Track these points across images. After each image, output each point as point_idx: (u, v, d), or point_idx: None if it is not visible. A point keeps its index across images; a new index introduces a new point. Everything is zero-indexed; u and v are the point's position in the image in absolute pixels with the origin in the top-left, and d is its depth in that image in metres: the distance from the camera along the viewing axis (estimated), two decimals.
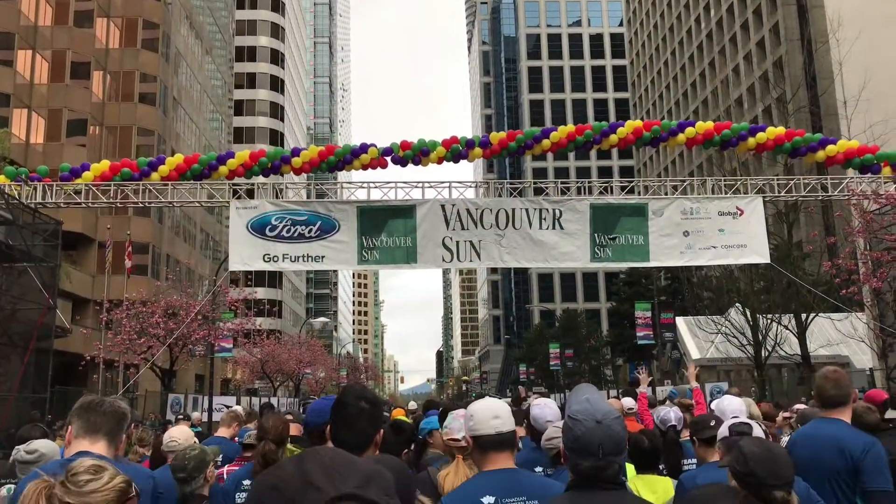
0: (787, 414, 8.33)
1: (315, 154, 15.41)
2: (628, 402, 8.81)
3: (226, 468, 5.27)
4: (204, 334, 26.59)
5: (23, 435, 4.40)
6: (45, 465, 3.23)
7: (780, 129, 17.00)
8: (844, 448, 3.82)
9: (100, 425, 3.00)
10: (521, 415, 5.15)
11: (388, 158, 15.59)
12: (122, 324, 26.36)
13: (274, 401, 37.87)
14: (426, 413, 7.47)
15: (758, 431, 3.64)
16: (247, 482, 4.52)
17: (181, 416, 11.52)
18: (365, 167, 15.43)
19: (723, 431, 3.62)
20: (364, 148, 15.47)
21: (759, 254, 16.13)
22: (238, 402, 29.21)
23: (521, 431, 4.62)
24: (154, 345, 24.21)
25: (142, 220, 44.26)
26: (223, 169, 14.79)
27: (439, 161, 15.83)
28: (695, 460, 4.94)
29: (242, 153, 15.34)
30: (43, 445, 4.16)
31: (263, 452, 5.34)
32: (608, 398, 15.36)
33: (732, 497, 2.07)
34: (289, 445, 4.01)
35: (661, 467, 4.88)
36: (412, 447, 5.36)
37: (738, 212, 15.89)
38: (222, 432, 7.13)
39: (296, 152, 15.48)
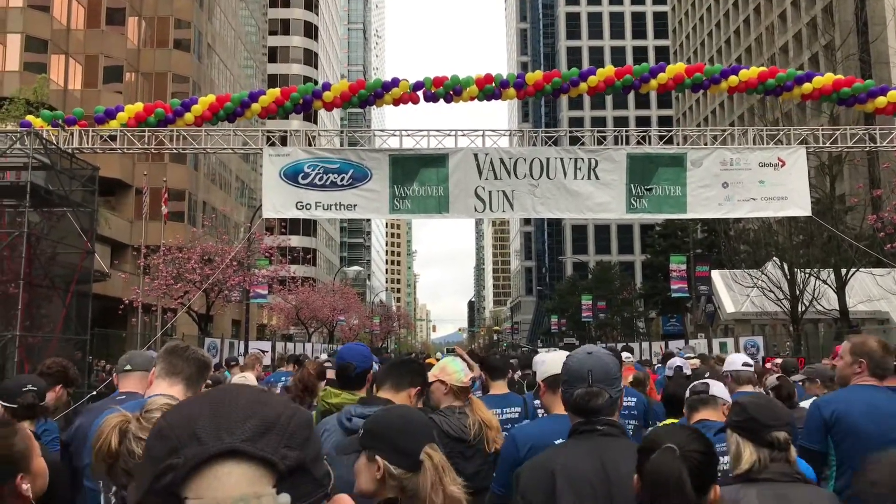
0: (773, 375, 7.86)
1: (346, 88, 15.18)
2: (626, 354, 9.65)
3: None
4: (239, 280, 26.97)
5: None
6: (128, 403, 3.33)
7: (828, 78, 16.36)
8: None
9: (180, 369, 3.12)
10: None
11: (420, 93, 15.27)
12: (159, 269, 26.83)
13: (308, 347, 38.52)
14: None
15: (717, 389, 4.02)
16: None
17: (233, 363, 11.84)
18: (396, 102, 15.13)
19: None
20: (395, 82, 15.15)
21: (800, 206, 15.70)
22: (273, 348, 29.75)
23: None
24: (190, 290, 24.64)
25: (178, 167, 44.69)
26: (255, 107, 14.66)
27: (472, 100, 15.50)
28: None
29: (273, 91, 15.20)
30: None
31: (302, 376, 5.78)
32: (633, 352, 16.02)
33: (689, 432, 2.18)
34: (329, 388, 4.17)
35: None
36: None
37: (780, 163, 15.43)
38: (247, 372, 8.14)
39: (326, 87, 15.27)
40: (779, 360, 9.51)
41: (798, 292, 29.10)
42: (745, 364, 5.48)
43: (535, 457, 2.69)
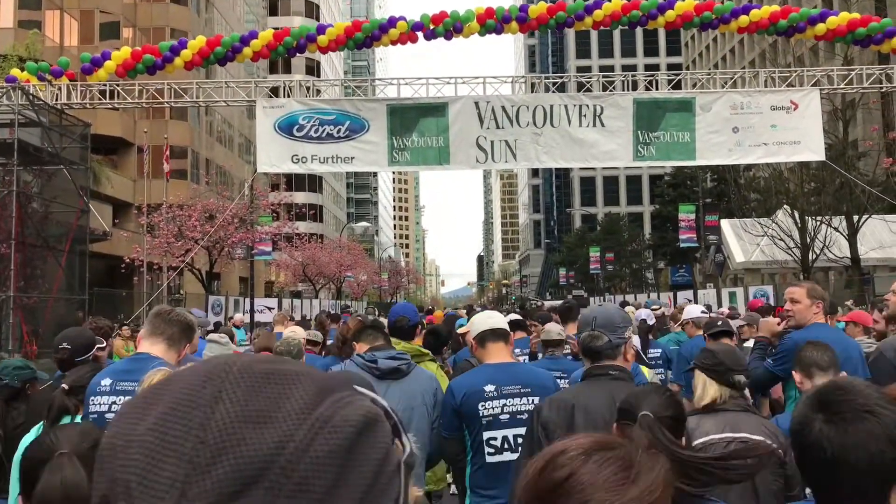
0: (741, 322, 7.95)
1: (342, 31, 14.59)
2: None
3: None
4: (241, 237, 26.70)
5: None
6: (114, 364, 3.70)
7: (843, 18, 15.67)
8: None
9: (161, 330, 3.39)
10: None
11: (419, 33, 14.66)
12: (160, 227, 26.57)
13: (315, 303, 38.48)
14: (468, 316, 9.54)
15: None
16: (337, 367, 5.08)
17: (268, 329, 11.90)
18: (394, 42, 14.52)
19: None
20: (392, 22, 14.55)
21: (814, 151, 15.20)
22: (279, 305, 29.65)
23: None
24: (192, 247, 24.41)
25: (180, 124, 44.10)
26: (247, 51, 14.06)
27: (473, 35, 14.87)
28: (658, 350, 7.18)
29: (266, 33, 14.60)
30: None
31: (342, 332, 6.59)
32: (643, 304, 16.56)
33: (661, 393, 2.50)
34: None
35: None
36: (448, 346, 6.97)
37: (793, 106, 14.87)
38: (279, 329, 8.85)
39: (321, 30, 14.66)
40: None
41: (809, 240, 28.68)
42: (702, 312, 7.18)
43: (555, 394, 3.21)
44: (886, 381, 3.82)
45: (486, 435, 3.52)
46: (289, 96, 14.87)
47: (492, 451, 3.51)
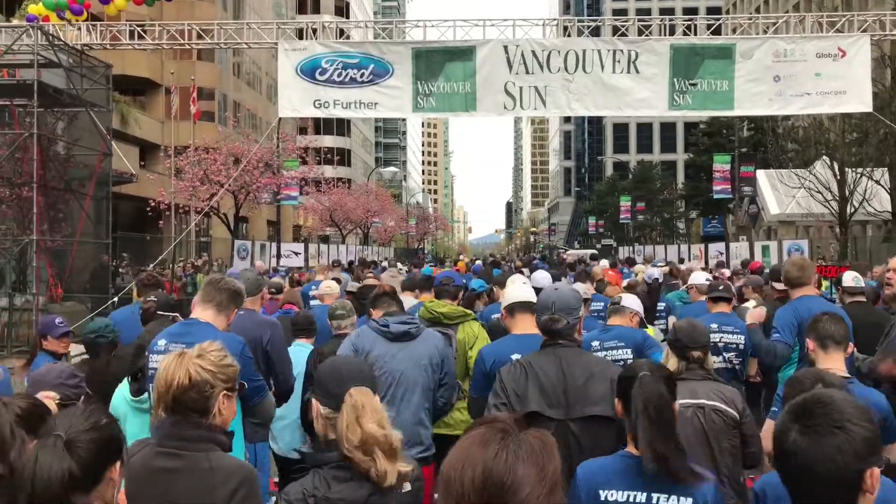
0: (740, 283, 8.92)
1: None
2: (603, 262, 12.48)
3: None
4: (267, 181, 26.53)
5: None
6: (170, 327, 3.95)
7: None
8: None
9: (212, 297, 3.77)
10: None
11: None
12: (185, 170, 26.47)
13: (343, 248, 38.47)
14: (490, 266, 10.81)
15: (628, 301, 5.24)
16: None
17: (310, 272, 12.13)
18: None
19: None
20: None
21: (860, 101, 14.45)
22: (306, 249, 29.63)
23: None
24: (217, 191, 24.31)
25: (207, 65, 43.66)
26: None
27: None
28: (663, 304, 8.34)
29: None
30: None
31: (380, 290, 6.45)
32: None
33: (656, 366, 2.83)
34: (435, 300, 5.41)
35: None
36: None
37: (840, 53, 14.08)
38: (321, 277, 9.50)
39: None
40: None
41: (848, 193, 27.82)
42: (707, 279, 7.81)
43: (514, 361, 3.53)
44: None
45: None
46: (314, 38, 14.44)
47: None
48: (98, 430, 1.95)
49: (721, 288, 6.22)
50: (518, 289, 4.37)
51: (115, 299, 14.34)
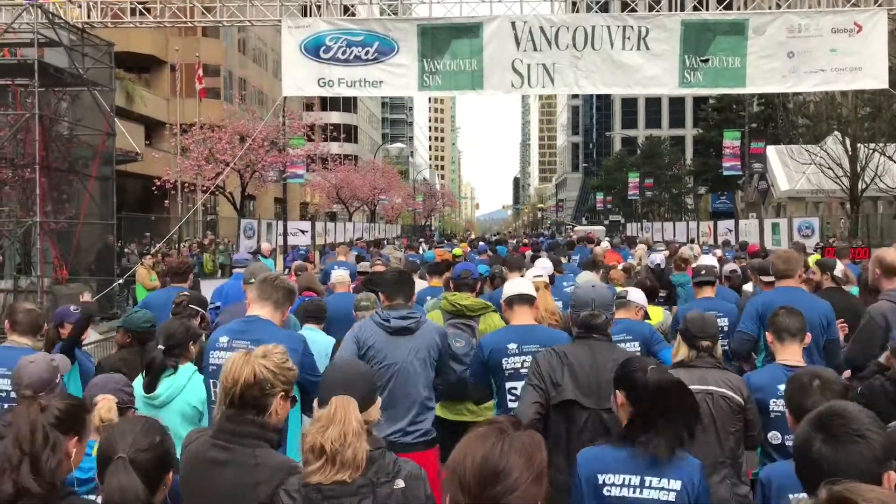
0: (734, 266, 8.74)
1: None
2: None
3: (352, 285, 7.49)
4: (273, 160, 26.34)
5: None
6: (230, 324, 4.07)
7: None
8: None
9: (269, 294, 3.92)
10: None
11: None
12: (190, 149, 26.29)
13: (350, 226, 38.35)
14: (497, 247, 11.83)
15: (633, 295, 5.29)
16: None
17: (315, 269, 12.16)
18: None
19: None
20: None
21: (876, 77, 14.15)
22: (312, 227, 29.52)
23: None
24: (222, 170, 24.15)
25: (211, 42, 43.22)
26: None
27: None
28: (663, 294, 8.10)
29: None
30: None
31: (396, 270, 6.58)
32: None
33: (652, 362, 3.02)
34: (457, 293, 5.54)
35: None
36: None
37: (856, 28, 13.76)
38: (342, 258, 9.88)
39: None
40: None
41: (859, 169, 27.47)
42: (713, 264, 7.61)
43: (549, 348, 3.77)
44: (873, 347, 4.42)
45: (508, 385, 4.13)
46: (318, 15, 14.19)
47: (513, 398, 4.05)
48: (154, 450, 2.29)
49: (703, 272, 6.43)
50: (517, 282, 4.72)
51: (121, 280, 14.26)
